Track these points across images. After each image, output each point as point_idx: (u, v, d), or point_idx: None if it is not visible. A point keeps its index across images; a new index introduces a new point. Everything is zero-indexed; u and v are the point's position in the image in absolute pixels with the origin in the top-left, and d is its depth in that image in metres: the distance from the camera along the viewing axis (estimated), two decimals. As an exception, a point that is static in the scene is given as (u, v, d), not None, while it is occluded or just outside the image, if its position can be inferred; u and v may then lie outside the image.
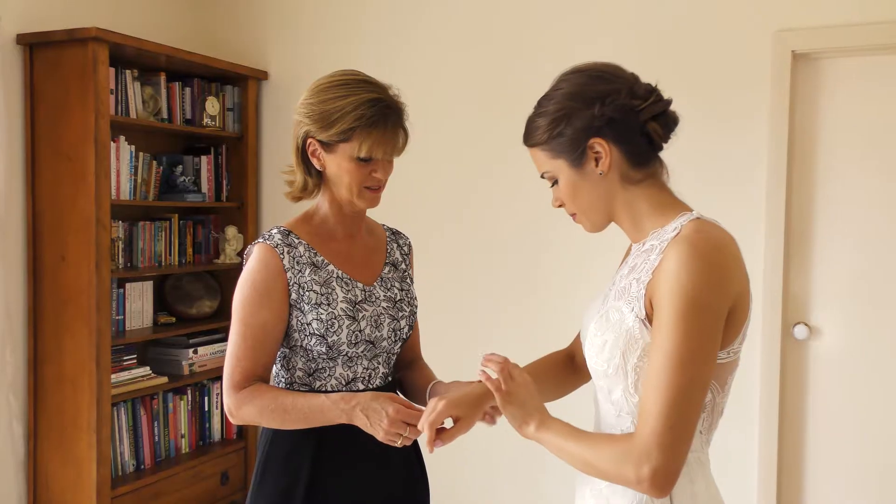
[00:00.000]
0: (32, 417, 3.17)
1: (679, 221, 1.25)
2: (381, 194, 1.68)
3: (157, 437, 3.45)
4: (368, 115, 1.55)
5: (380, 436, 1.47)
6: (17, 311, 3.13)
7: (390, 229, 1.88)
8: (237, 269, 3.75)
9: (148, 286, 3.53)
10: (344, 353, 1.63)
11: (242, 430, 3.83)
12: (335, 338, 1.61)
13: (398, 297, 1.74)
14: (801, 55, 2.91)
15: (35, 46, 3.10)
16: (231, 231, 3.76)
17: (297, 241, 1.65)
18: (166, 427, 3.51)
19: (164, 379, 3.42)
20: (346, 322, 1.62)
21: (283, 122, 3.78)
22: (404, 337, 1.75)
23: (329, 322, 1.61)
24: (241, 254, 3.78)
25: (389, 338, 1.69)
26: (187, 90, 3.61)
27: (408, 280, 1.81)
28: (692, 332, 1.13)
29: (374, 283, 1.71)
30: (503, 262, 3.37)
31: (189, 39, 3.85)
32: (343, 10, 3.64)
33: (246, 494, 4.09)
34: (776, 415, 2.96)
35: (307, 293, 1.62)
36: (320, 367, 1.65)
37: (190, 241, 3.70)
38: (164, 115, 3.50)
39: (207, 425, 3.72)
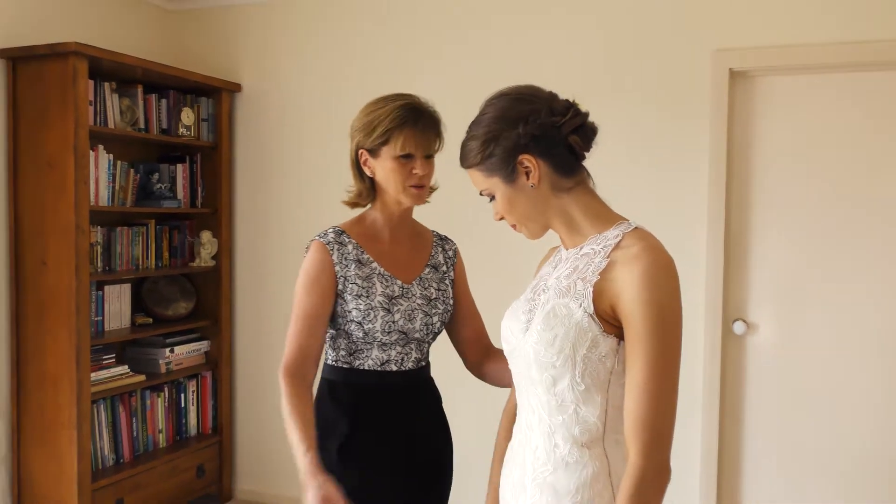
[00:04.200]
0: (16, 415, 3.28)
1: (619, 229, 1.35)
2: (426, 194, 1.87)
3: (135, 433, 3.57)
4: (401, 116, 1.79)
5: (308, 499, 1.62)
6: (0, 313, 3.24)
7: (439, 235, 2.04)
8: (212, 272, 3.92)
9: (126, 289, 3.63)
10: (378, 339, 1.83)
11: (218, 425, 3.97)
12: (370, 325, 1.82)
13: (434, 296, 1.91)
14: (738, 73, 3.12)
15: (17, 60, 3.20)
16: (206, 236, 3.87)
17: (347, 240, 1.87)
18: (144, 423, 3.62)
19: (142, 377, 3.54)
20: (381, 313, 1.82)
21: (256, 132, 3.93)
22: (436, 331, 1.94)
23: (366, 312, 1.81)
24: (215, 257, 3.92)
25: (421, 330, 1.88)
26: (163, 101, 3.72)
27: (447, 282, 1.97)
28: (664, 341, 1.25)
29: (413, 282, 1.89)
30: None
31: (165, 53, 3.96)
32: (311, 27, 3.78)
33: (220, 487, 4.24)
34: (717, 403, 3.17)
35: (350, 285, 1.83)
36: (359, 348, 1.86)
37: (166, 246, 3.81)
38: (142, 125, 3.60)
39: (184, 421, 3.85)
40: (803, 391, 3.13)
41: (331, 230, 1.88)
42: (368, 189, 1.89)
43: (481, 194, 1.46)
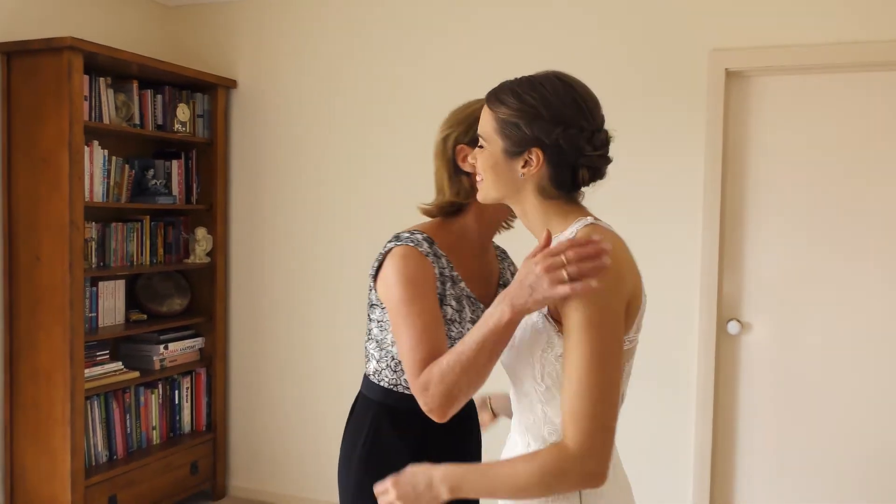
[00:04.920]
0: (9, 411, 3.27)
1: (575, 227, 1.34)
2: None
3: (129, 429, 3.57)
4: None
5: (544, 286, 1.26)
6: (-7, 308, 3.23)
7: (498, 247, 1.89)
8: (207, 268, 3.91)
9: (120, 285, 3.63)
10: None
11: (212, 422, 3.96)
12: None
13: None
14: (733, 73, 3.13)
15: (12, 55, 3.19)
16: (201, 232, 3.87)
17: (440, 252, 1.65)
18: (138, 419, 3.62)
19: (136, 373, 3.54)
20: None
21: (251, 128, 3.93)
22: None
23: (457, 340, 1.61)
24: (210, 254, 3.92)
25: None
26: (159, 97, 3.71)
27: None
28: (600, 335, 1.22)
29: None
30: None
31: (161, 49, 3.96)
32: (307, 24, 3.79)
33: (214, 484, 4.21)
34: (711, 404, 3.18)
35: (445, 306, 1.63)
36: None
37: (161, 242, 3.80)
38: (137, 121, 3.60)
39: (178, 418, 3.85)
40: (798, 391, 3.15)
41: (420, 237, 1.63)
42: (468, 189, 1.68)
43: (478, 133, 1.44)
